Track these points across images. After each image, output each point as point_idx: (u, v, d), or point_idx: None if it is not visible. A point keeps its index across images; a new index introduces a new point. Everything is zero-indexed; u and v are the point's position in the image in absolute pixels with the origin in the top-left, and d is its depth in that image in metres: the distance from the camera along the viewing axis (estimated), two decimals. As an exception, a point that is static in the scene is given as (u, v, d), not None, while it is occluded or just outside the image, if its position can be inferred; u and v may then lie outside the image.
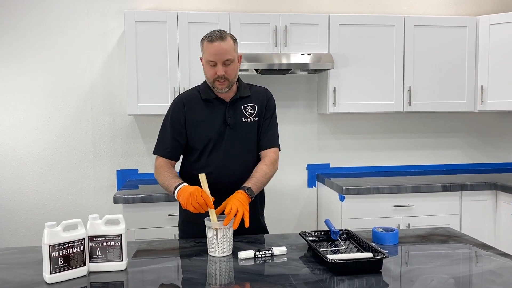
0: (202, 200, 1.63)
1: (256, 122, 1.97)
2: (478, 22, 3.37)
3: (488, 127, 3.84)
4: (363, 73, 3.28)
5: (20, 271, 1.50)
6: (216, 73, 1.83)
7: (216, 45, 1.80)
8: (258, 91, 2.04)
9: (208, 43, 1.82)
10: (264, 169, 1.89)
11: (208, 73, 1.87)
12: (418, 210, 3.07)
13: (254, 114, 1.97)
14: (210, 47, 1.81)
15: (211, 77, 1.86)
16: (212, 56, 1.81)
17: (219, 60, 1.82)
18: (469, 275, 1.44)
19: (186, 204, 1.64)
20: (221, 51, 1.81)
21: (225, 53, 1.82)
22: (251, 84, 2.06)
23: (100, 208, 3.39)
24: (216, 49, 1.80)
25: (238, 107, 1.95)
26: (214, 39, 1.81)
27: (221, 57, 1.81)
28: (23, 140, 3.31)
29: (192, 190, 1.65)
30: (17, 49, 3.26)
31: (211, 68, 1.84)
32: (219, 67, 1.82)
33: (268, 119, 2.01)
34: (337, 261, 1.43)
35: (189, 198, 1.64)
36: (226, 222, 1.60)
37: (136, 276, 1.46)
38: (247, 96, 1.98)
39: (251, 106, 1.97)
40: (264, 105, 2.01)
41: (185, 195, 1.65)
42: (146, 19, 3.05)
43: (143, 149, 3.41)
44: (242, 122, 1.94)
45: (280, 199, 3.61)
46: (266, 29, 3.15)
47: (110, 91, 3.37)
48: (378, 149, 3.72)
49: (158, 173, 1.90)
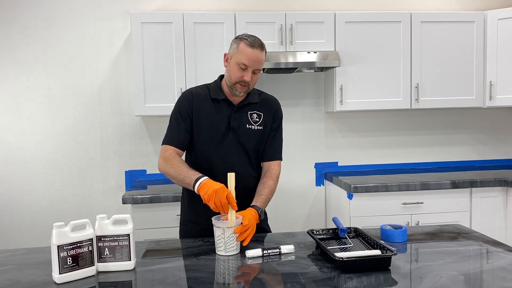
0: (225, 201, 1.63)
1: (260, 130, 1.97)
2: (486, 17, 3.34)
3: (497, 123, 3.81)
4: (370, 70, 3.27)
5: (30, 272, 1.51)
6: (243, 77, 1.83)
7: (255, 52, 1.80)
8: (267, 99, 2.03)
9: (248, 47, 1.80)
10: (271, 185, 1.92)
11: (234, 74, 1.84)
12: (427, 207, 3.05)
13: (259, 122, 1.96)
14: (248, 51, 1.80)
15: (236, 79, 1.84)
16: (247, 61, 1.80)
17: (252, 67, 1.82)
18: (479, 272, 1.42)
19: (209, 199, 1.64)
20: (258, 60, 1.82)
21: (260, 62, 1.84)
22: (261, 91, 2.05)
23: (109, 208, 3.41)
24: (255, 56, 1.81)
25: (244, 113, 1.95)
26: (255, 46, 1.81)
27: (255, 65, 1.82)
28: (32, 142, 3.34)
29: (218, 187, 1.65)
30: (24, 51, 3.29)
31: (240, 71, 1.83)
32: (248, 73, 1.82)
33: (274, 130, 2.01)
34: (345, 259, 1.43)
35: (213, 194, 1.63)
36: (237, 231, 1.62)
37: (144, 276, 1.46)
38: (255, 103, 1.97)
39: (258, 114, 1.97)
40: (272, 115, 2.01)
41: (210, 190, 1.65)
42: (152, 20, 3.06)
43: (151, 149, 3.43)
44: (246, 128, 1.94)
45: (288, 198, 3.60)
46: (272, 28, 3.15)
47: (118, 92, 3.39)
48: (386, 146, 3.70)
49: (170, 164, 1.84)
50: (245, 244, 1.64)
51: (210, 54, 3.09)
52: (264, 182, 1.93)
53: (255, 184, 1.96)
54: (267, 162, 2.00)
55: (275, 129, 2.02)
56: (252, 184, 1.97)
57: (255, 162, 2.01)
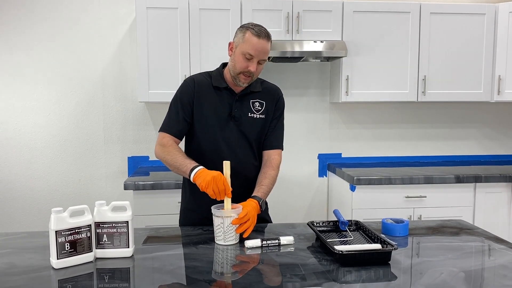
0: (223, 187, 1.64)
1: (262, 119, 1.95)
2: (497, 10, 3.27)
3: (505, 117, 3.76)
4: (377, 61, 3.22)
5: (28, 256, 1.51)
6: (248, 67, 1.81)
7: (262, 42, 1.78)
8: (269, 88, 2.01)
9: (254, 37, 1.78)
10: (272, 175, 1.91)
11: (238, 64, 1.82)
12: (431, 201, 3.02)
13: (261, 111, 1.95)
14: (255, 41, 1.78)
15: (241, 69, 1.82)
16: (253, 51, 1.78)
17: (258, 57, 1.80)
18: (481, 269, 1.41)
19: (207, 186, 1.64)
20: (264, 50, 1.80)
21: (266, 53, 1.82)
22: (263, 80, 2.03)
23: (111, 194, 3.41)
24: (261, 46, 1.79)
25: (246, 101, 1.93)
26: (261, 36, 1.78)
27: (261, 55, 1.81)
28: (35, 126, 3.34)
29: (215, 174, 1.65)
30: (29, 36, 3.27)
31: (245, 61, 1.81)
32: (253, 63, 1.81)
33: (276, 119, 2.00)
34: (344, 252, 1.41)
35: (211, 181, 1.63)
36: (234, 222, 1.61)
37: (142, 263, 1.46)
38: (257, 92, 1.95)
39: (260, 103, 1.95)
40: (274, 104, 1.99)
41: (208, 177, 1.64)
42: (157, 5, 3.02)
43: (154, 136, 3.41)
44: (248, 117, 1.93)
45: (290, 188, 3.59)
46: (279, 15, 3.10)
47: (122, 78, 3.37)
48: (391, 139, 3.67)
49: (167, 151, 1.84)
50: (245, 236, 1.63)
51: (215, 40, 3.05)
52: (265, 172, 1.92)
53: (257, 174, 1.95)
54: (268, 151, 1.99)
55: (277, 117, 2.00)
56: (254, 174, 1.96)
57: (257, 151, 1.99)
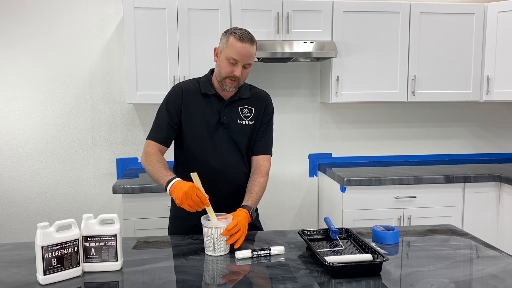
0: (197, 199, 1.61)
1: (251, 125, 1.94)
2: (486, 9, 3.28)
3: (493, 117, 3.78)
4: (367, 61, 3.21)
5: (14, 270, 1.48)
6: (233, 71, 1.79)
7: (245, 46, 1.77)
8: (259, 94, 2.00)
9: (237, 41, 1.76)
10: (262, 182, 1.89)
11: (223, 69, 1.81)
12: (420, 201, 3.04)
13: (250, 117, 1.93)
14: (238, 45, 1.76)
15: (226, 74, 1.81)
16: (237, 55, 1.77)
17: (242, 61, 1.79)
18: (469, 280, 1.41)
19: (182, 202, 1.61)
20: (248, 54, 1.78)
21: (250, 57, 1.80)
22: (252, 86, 2.02)
23: (100, 196, 3.38)
24: (245, 50, 1.77)
25: (235, 108, 1.92)
26: (244, 40, 1.77)
27: (245, 59, 1.79)
28: (22, 127, 3.28)
29: (186, 189, 1.61)
30: (15, 37, 3.20)
31: (230, 66, 1.79)
32: (238, 68, 1.79)
33: (265, 124, 1.98)
34: (335, 264, 1.40)
35: (184, 197, 1.60)
36: (224, 234, 1.59)
37: (131, 277, 1.44)
38: (246, 98, 1.94)
39: (249, 109, 1.94)
40: (263, 110, 1.97)
41: (180, 193, 1.62)
42: (145, 5, 2.97)
43: (142, 137, 3.37)
44: (237, 124, 1.91)
45: (281, 188, 3.58)
46: (268, 15, 3.08)
47: (109, 79, 3.32)
48: (381, 139, 3.67)
49: (149, 161, 1.82)
50: (236, 246, 1.61)
51: (204, 41, 3.02)
52: (254, 179, 1.90)
53: (247, 181, 1.94)
54: (256, 157, 1.97)
55: (266, 123, 1.99)
56: (244, 181, 1.94)
57: (247, 158, 1.98)
